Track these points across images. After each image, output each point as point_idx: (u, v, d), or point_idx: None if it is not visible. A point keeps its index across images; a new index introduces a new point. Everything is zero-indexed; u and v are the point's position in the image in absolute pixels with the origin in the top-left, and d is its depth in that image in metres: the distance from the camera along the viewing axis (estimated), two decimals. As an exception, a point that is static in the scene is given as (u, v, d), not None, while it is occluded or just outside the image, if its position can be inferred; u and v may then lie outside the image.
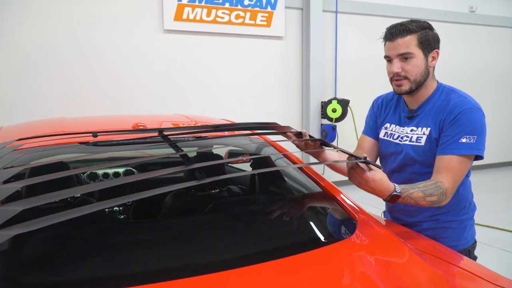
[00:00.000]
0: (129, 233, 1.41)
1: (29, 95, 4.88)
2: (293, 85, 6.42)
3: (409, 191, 1.45)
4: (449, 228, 1.71)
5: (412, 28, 1.57)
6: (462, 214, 1.72)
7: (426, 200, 1.48)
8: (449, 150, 1.54)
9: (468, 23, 7.59)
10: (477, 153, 1.55)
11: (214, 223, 1.50)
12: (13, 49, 4.79)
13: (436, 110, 1.64)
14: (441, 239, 1.68)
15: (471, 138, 1.53)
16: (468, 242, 1.74)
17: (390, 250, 1.31)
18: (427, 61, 1.61)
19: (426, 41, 1.59)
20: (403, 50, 1.58)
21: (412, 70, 1.59)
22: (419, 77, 1.61)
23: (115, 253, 1.28)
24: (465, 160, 1.55)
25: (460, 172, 1.56)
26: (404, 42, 1.57)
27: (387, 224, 1.75)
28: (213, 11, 5.70)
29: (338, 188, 1.68)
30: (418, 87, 1.64)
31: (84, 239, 1.34)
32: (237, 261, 1.18)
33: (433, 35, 1.61)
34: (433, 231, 1.71)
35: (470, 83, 7.67)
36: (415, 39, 1.57)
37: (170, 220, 1.56)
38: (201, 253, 1.28)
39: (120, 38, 5.27)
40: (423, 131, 1.65)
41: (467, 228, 1.74)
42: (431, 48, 1.61)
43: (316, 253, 1.20)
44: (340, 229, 1.49)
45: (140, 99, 5.42)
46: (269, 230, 1.46)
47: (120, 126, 2.04)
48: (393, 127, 1.78)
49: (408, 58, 1.58)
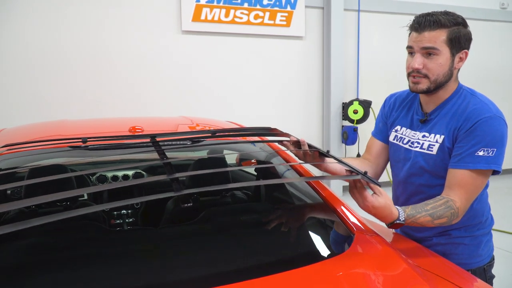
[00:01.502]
0: (109, 242, 1.34)
1: (37, 96, 4.91)
2: (313, 86, 6.27)
3: (415, 217, 1.32)
4: (461, 244, 1.55)
5: (443, 22, 1.38)
6: (476, 229, 1.56)
7: (435, 223, 1.35)
8: (463, 163, 1.38)
9: (499, 20, 7.25)
10: (495, 168, 1.38)
11: (202, 234, 1.41)
12: (20, 51, 4.83)
13: (452, 115, 1.46)
14: (452, 256, 1.53)
15: (489, 151, 1.36)
16: (483, 260, 1.58)
17: (386, 267, 1.18)
18: (453, 61, 1.43)
19: (457, 38, 1.40)
20: (429, 44, 1.39)
21: (435, 69, 1.41)
22: (440, 78, 1.43)
23: (86, 266, 1.21)
24: (481, 176, 1.39)
25: (475, 189, 1.40)
26: (431, 36, 1.38)
27: (395, 238, 1.61)
28: (231, 11, 5.63)
29: (339, 199, 1.56)
30: (436, 89, 1.46)
31: (63, 249, 1.27)
32: (220, 278, 1.08)
33: (466, 33, 1.42)
34: (443, 246, 1.56)
35: (501, 84, 7.34)
36: (444, 35, 1.38)
37: (154, 230, 1.48)
38: (181, 268, 1.19)
39: (138, 40, 5.27)
40: (436, 138, 1.48)
41: (482, 245, 1.57)
42: (460, 47, 1.42)
43: (302, 271, 1.09)
44: (334, 245, 1.37)
45: (158, 101, 5.40)
46: (257, 244, 1.36)
47: (119, 128, 1.98)
48: (404, 130, 1.61)
49: (433, 54, 1.40)
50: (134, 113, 5.17)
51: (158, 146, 1.40)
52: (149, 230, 1.54)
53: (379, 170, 1.74)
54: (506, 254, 3.86)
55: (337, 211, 1.45)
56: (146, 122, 2.06)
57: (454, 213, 1.35)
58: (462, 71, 1.55)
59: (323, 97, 6.30)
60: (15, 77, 4.82)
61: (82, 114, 4.91)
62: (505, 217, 5.01)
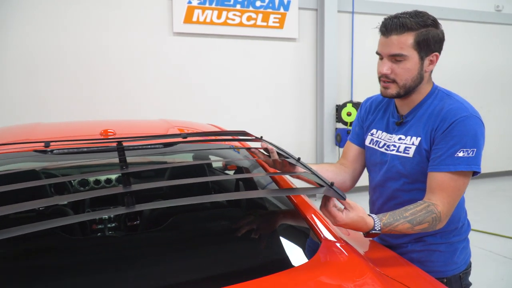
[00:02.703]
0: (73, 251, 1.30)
1: (38, 98, 4.90)
2: (306, 88, 6.23)
3: (393, 225, 1.27)
4: (436, 251, 1.49)
5: (410, 25, 1.32)
6: (452, 236, 1.51)
7: (415, 229, 1.30)
8: (444, 166, 1.33)
9: (494, 23, 7.21)
10: (476, 168, 1.33)
11: (164, 242, 1.37)
12: (19, 53, 4.81)
13: (428, 117, 1.41)
14: (427, 263, 1.49)
15: (469, 151, 1.31)
16: (459, 267, 1.52)
17: (348, 277, 1.14)
18: (422, 64, 1.38)
19: (425, 41, 1.34)
20: (395, 51, 1.35)
21: (403, 74, 1.37)
22: (409, 83, 1.39)
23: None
24: (462, 178, 1.34)
25: (457, 191, 1.35)
26: (398, 41, 1.34)
27: (371, 245, 1.57)
28: (223, 13, 5.60)
29: (311, 205, 1.51)
30: (408, 93, 1.42)
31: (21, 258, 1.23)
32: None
33: (435, 35, 1.36)
34: (418, 253, 1.51)
35: (496, 85, 7.30)
36: (411, 38, 1.33)
37: (113, 238, 1.43)
38: (139, 278, 1.14)
39: (129, 41, 5.23)
40: (412, 140, 1.43)
41: (458, 252, 1.52)
42: (429, 50, 1.37)
43: (258, 283, 1.05)
44: (298, 254, 1.32)
45: (150, 103, 5.37)
46: (213, 254, 1.31)
47: (91, 132, 1.94)
48: (380, 133, 1.56)
49: (401, 60, 1.36)
50: (125, 114, 5.12)
51: (122, 152, 1.35)
52: (111, 238, 1.50)
53: (356, 175, 1.70)
54: (498, 258, 3.83)
55: (306, 218, 1.40)
56: (121, 126, 2.02)
57: (436, 217, 1.29)
58: (456, 73, 1.51)
59: (317, 99, 6.26)
60: (3, 77, 4.79)
61: (71, 115, 4.88)
62: (499, 220, 4.99)
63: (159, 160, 2.19)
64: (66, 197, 1.05)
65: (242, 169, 1.99)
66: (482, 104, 7.19)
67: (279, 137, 5.79)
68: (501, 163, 7.55)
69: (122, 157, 1.30)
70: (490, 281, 3.38)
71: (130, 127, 2.06)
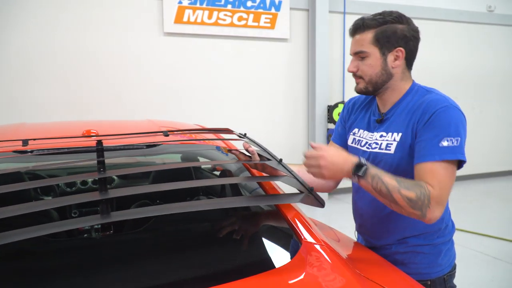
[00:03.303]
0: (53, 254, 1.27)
1: (29, 99, 4.85)
2: (298, 88, 6.22)
3: (380, 172, 1.24)
4: (420, 253, 1.47)
5: (369, 23, 1.38)
6: (436, 237, 1.48)
7: (402, 194, 1.22)
8: (430, 156, 1.28)
9: (486, 23, 7.24)
10: (461, 157, 1.28)
11: (146, 242, 1.34)
12: (14, 54, 4.76)
13: (408, 111, 1.40)
14: (411, 265, 1.47)
15: (453, 140, 1.27)
16: (443, 269, 1.49)
17: (327, 279, 1.11)
18: (385, 60, 1.40)
19: (385, 37, 1.37)
20: (357, 49, 1.42)
21: (366, 70, 1.41)
22: (374, 78, 1.42)
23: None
24: (450, 167, 1.28)
25: (448, 179, 1.27)
26: (359, 39, 1.41)
27: (355, 247, 1.55)
28: (214, 13, 5.57)
29: (293, 205, 1.48)
30: (377, 89, 1.44)
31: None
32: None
33: (395, 31, 1.37)
34: (402, 255, 1.48)
35: (488, 86, 7.33)
36: (371, 36, 1.38)
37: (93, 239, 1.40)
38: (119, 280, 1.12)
39: (120, 41, 5.20)
40: (393, 137, 1.41)
41: (442, 254, 1.49)
42: (391, 45, 1.38)
43: (238, 285, 1.02)
44: (277, 255, 1.30)
45: (140, 103, 5.33)
46: (197, 255, 1.29)
47: (73, 132, 1.90)
48: (361, 132, 1.55)
49: (364, 57, 1.41)
50: (115, 115, 5.08)
51: (102, 153, 1.32)
52: (92, 239, 1.47)
53: None
54: (488, 259, 3.82)
55: (287, 219, 1.38)
56: (104, 126, 1.99)
57: (424, 193, 1.22)
58: (448, 73, 1.52)
59: (308, 99, 6.25)
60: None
61: (60, 117, 4.83)
62: (490, 221, 4.99)
63: (142, 161, 2.17)
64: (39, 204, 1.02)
65: (226, 172, 1.97)
66: (474, 105, 7.22)
67: (271, 137, 5.77)
68: (493, 164, 7.58)
69: (100, 158, 1.27)
70: (480, 282, 3.37)
71: (114, 127, 2.02)
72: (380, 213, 1.49)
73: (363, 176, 1.24)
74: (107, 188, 1.10)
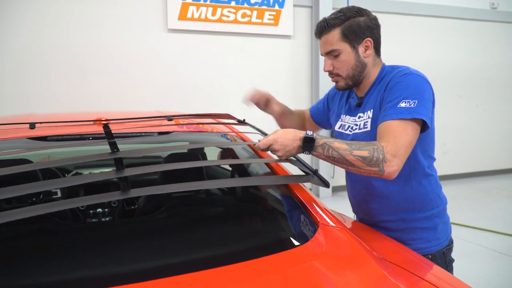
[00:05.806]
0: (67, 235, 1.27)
1: (36, 93, 4.85)
2: (302, 85, 6.21)
3: (328, 139, 1.29)
4: (418, 228, 1.54)
5: (333, 22, 1.45)
6: (430, 209, 1.54)
7: (354, 154, 1.26)
8: (388, 116, 1.35)
9: (490, 20, 7.23)
10: (418, 116, 1.32)
11: (160, 226, 1.34)
12: (12, 50, 4.77)
13: (378, 90, 1.49)
14: (412, 241, 1.53)
15: (411, 102, 1.34)
16: (442, 243, 1.56)
17: (346, 259, 1.11)
18: (357, 53, 1.47)
19: (352, 32, 1.45)
20: (329, 48, 1.48)
21: (342, 67, 1.49)
22: (351, 72, 1.49)
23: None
24: (407, 124, 1.32)
25: (404, 135, 1.30)
26: (328, 39, 1.47)
27: (359, 228, 1.56)
28: (218, 9, 5.57)
29: (305, 189, 1.48)
30: (356, 81, 1.52)
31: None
32: (170, 270, 1.01)
33: (359, 23, 1.45)
34: (401, 233, 1.54)
35: (491, 83, 7.31)
36: (338, 33, 1.45)
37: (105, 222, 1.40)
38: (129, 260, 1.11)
39: (124, 38, 5.19)
40: (367, 114, 1.50)
41: (439, 227, 1.56)
42: (359, 38, 1.46)
43: (260, 262, 1.02)
44: (296, 236, 1.30)
45: (145, 99, 5.32)
46: (214, 235, 1.29)
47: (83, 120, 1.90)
48: (346, 117, 1.63)
49: (336, 54, 1.47)
50: (119, 109, 5.08)
51: (111, 136, 1.32)
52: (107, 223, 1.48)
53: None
54: (495, 254, 3.82)
55: (301, 201, 1.38)
56: (113, 115, 1.98)
57: (377, 149, 1.26)
58: (451, 71, 1.54)
59: (312, 96, 6.24)
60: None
61: (64, 111, 4.82)
62: (496, 217, 4.98)
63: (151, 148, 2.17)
64: (58, 181, 1.02)
65: (235, 155, 1.99)
66: (478, 103, 7.21)
67: (275, 134, 5.76)
68: (498, 161, 7.57)
69: (111, 140, 1.27)
70: (487, 276, 3.37)
71: (123, 116, 2.02)
72: (371, 191, 1.55)
73: (312, 148, 1.29)
74: (123, 168, 1.10)
